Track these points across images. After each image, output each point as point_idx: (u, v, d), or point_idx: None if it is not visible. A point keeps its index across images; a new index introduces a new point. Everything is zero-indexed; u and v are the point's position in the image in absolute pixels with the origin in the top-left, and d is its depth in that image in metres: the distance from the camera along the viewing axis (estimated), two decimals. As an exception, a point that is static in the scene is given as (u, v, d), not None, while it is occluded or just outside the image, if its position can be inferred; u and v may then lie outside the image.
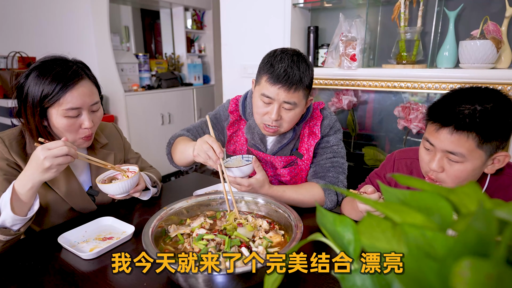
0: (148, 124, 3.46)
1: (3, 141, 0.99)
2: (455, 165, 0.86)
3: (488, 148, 0.83)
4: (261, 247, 0.81)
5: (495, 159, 0.87)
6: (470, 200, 0.30)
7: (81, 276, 0.80)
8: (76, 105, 0.99)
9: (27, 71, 0.99)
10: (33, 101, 0.96)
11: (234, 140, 1.35)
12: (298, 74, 1.07)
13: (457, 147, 0.83)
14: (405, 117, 1.86)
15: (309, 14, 2.23)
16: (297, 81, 1.07)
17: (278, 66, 1.07)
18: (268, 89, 1.09)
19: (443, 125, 0.85)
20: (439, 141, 0.86)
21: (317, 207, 0.40)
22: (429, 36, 1.84)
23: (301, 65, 1.09)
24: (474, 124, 0.80)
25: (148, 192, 1.19)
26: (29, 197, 0.88)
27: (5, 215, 0.85)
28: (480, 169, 0.87)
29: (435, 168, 0.89)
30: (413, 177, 0.33)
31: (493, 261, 0.21)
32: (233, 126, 1.33)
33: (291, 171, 1.27)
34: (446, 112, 0.85)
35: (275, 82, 1.07)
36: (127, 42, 4.18)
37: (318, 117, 1.25)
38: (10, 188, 0.86)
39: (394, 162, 1.14)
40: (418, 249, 0.26)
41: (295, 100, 1.10)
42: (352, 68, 1.85)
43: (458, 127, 0.82)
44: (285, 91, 1.08)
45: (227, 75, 2.47)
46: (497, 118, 0.80)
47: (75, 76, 0.99)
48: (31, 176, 0.86)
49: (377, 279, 0.31)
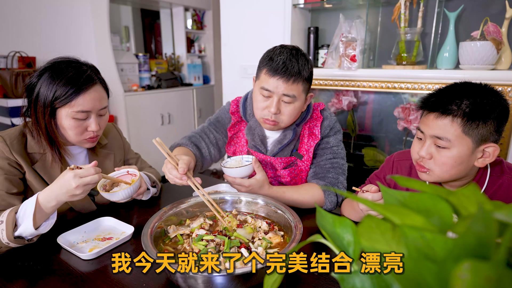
0: (148, 124, 3.46)
1: (4, 140, 0.99)
2: (442, 151, 0.89)
3: (475, 135, 0.85)
4: (261, 248, 0.80)
5: (484, 152, 0.89)
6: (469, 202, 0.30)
7: (80, 276, 0.80)
8: (87, 109, 1.01)
9: (39, 71, 1.00)
10: (45, 101, 0.98)
11: (235, 142, 1.35)
12: (297, 66, 1.08)
13: (443, 132, 0.87)
14: (405, 118, 1.86)
15: (309, 14, 2.23)
16: (295, 73, 1.08)
17: (277, 59, 1.09)
18: (268, 82, 1.10)
19: (430, 110, 0.90)
20: (428, 127, 0.91)
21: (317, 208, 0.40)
22: (429, 37, 1.84)
23: (300, 58, 1.10)
24: (459, 109, 0.85)
25: (148, 192, 1.20)
26: (50, 212, 0.90)
27: (24, 228, 0.85)
28: (468, 158, 0.89)
29: (423, 155, 0.92)
30: (412, 178, 0.33)
31: (493, 264, 0.21)
32: (234, 128, 1.33)
33: (291, 172, 1.27)
34: (434, 99, 0.90)
35: (274, 74, 1.09)
36: (127, 42, 4.18)
37: (318, 118, 1.25)
38: (33, 201, 0.86)
39: (393, 164, 1.14)
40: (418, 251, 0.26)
41: (294, 93, 1.10)
42: (352, 69, 1.85)
43: (444, 111, 0.87)
44: (284, 82, 1.09)
45: (227, 76, 2.47)
46: (483, 104, 0.84)
47: (88, 81, 1.01)
48: (58, 197, 0.87)
49: (376, 280, 0.31)
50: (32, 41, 2.94)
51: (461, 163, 0.89)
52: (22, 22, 2.91)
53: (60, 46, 3.09)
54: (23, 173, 1.02)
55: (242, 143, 1.33)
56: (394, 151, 1.25)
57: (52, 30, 3.07)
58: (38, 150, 1.03)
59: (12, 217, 0.85)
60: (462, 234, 0.24)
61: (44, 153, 1.04)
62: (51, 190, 0.87)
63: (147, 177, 1.22)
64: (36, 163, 1.03)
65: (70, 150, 1.11)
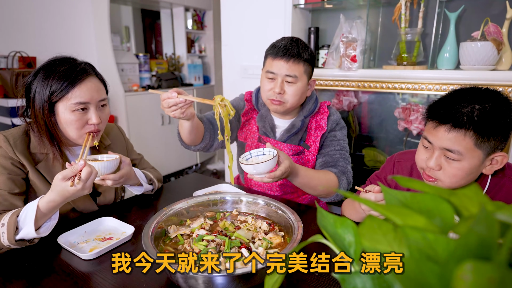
0: (148, 125, 3.46)
1: (7, 140, 0.99)
2: (452, 163, 0.87)
3: (486, 147, 0.83)
4: (261, 248, 0.80)
5: (493, 160, 0.87)
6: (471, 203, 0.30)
7: (80, 276, 0.80)
8: (84, 100, 1.00)
9: (35, 70, 1.01)
10: (42, 97, 0.98)
11: (247, 128, 1.44)
12: (296, 49, 1.22)
13: (455, 145, 0.84)
14: (405, 118, 1.86)
15: (309, 15, 2.23)
16: (295, 54, 1.21)
17: (279, 44, 1.24)
18: (271, 65, 1.24)
19: (441, 122, 0.85)
20: (437, 138, 0.87)
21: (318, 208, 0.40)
22: (429, 37, 1.84)
23: (300, 43, 1.25)
24: (472, 122, 0.81)
25: (141, 187, 1.20)
26: (53, 213, 0.91)
27: (26, 232, 0.85)
28: (477, 168, 0.87)
29: (433, 166, 0.89)
30: (414, 179, 0.33)
31: (495, 264, 0.21)
32: (247, 114, 1.44)
33: (299, 160, 1.35)
34: (444, 110, 0.86)
35: (276, 56, 1.23)
36: (128, 42, 4.18)
37: (325, 112, 1.35)
38: (34, 208, 0.85)
39: (394, 164, 1.14)
40: (420, 251, 0.26)
41: (296, 73, 1.22)
42: (352, 69, 1.85)
43: (456, 124, 0.83)
44: (285, 62, 1.21)
45: (227, 76, 2.46)
46: (495, 117, 0.81)
47: (83, 72, 1.01)
48: (64, 202, 0.88)
49: (377, 281, 0.31)
50: (32, 41, 2.94)
51: (471, 173, 0.87)
52: (23, 22, 2.91)
53: (60, 46, 3.09)
54: (26, 173, 1.02)
55: (253, 129, 1.42)
56: (395, 152, 1.25)
57: (52, 30, 3.07)
58: (41, 150, 1.03)
59: (13, 220, 0.85)
60: (464, 235, 0.24)
61: (47, 153, 1.04)
62: (54, 201, 0.86)
63: (142, 174, 1.22)
64: (39, 163, 1.03)
65: (73, 150, 1.11)
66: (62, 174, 0.85)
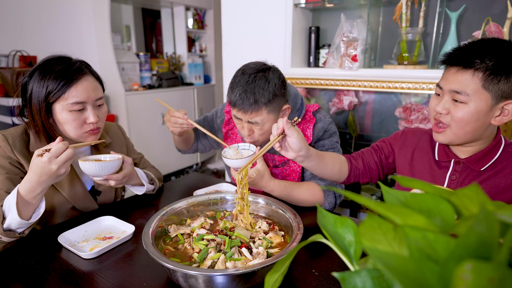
0: (149, 124, 3.46)
1: (6, 139, 0.99)
2: (459, 106, 0.88)
3: (494, 90, 0.84)
4: (261, 248, 0.80)
5: (503, 109, 0.87)
6: (471, 203, 0.30)
7: (81, 275, 0.80)
8: (81, 99, 1.00)
9: (31, 70, 1.01)
10: (38, 98, 0.97)
11: (231, 138, 1.41)
12: (252, 97, 1.08)
13: (463, 86, 0.86)
14: (406, 118, 1.85)
15: (310, 14, 2.22)
16: (252, 104, 1.09)
17: (234, 91, 1.12)
18: (233, 111, 1.16)
19: (451, 64, 0.89)
20: (447, 81, 0.90)
21: (318, 208, 0.40)
22: (430, 37, 1.83)
23: (258, 83, 1.09)
24: (482, 63, 0.83)
25: (142, 187, 1.20)
26: (38, 200, 0.89)
27: (11, 219, 0.85)
28: (485, 115, 0.87)
29: (440, 110, 0.91)
30: (414, 179, 0.33)
31: (495, 264, 0.21)
32: (228, 124, 1.40)
33: (283, 171, 1.29)
34: (458, 53, 0.89)
35: (234, 106, 1.14)
36: (128, 42, 4.17)
37: (310, 120, 1.25)
38: (15, 193, 0.85)
39: (403, 132, 1.15)
40: (420, 251, 0.26)
41: (257, 120, 1.13)
42: (353, 69, 1.85)
43: (466, 65, 0.85)
44: (243, 113, 1.12)
45: (227, 75, 2.46)
46: (504, 59, 0.83)
47: (78, 72, 1.01)
48: (42, 184, 0.86)
49: (377, 281, 0.31)
50: (33, 40, 2.94)
51: (478, 119, 0.88)
52: (23, 21, 2.91)
53: (61, 45, 3.10)
54: (25, 173, 1.02)
55: (237, 138, 1.39)
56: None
57: (53, 29, 3.07)
58: None
59: None
60: (464, 235, 0.24)
61: None
62: (30, 180, 0.85)
63: (143, 173, 1.22)
64: None
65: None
66: (38, 150, 0.85)
